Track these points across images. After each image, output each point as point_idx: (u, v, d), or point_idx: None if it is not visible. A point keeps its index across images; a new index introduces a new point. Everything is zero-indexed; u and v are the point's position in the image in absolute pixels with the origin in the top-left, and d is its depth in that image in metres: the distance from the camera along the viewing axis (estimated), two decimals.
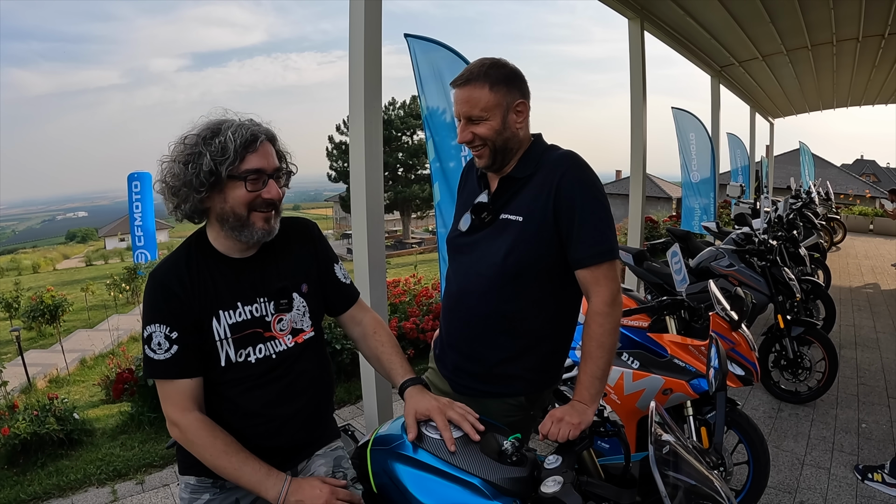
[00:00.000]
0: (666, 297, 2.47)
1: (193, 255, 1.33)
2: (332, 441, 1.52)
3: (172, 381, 1.27)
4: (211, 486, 1.39)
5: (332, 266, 1.53)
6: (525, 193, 1.52)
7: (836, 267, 8.64)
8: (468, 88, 1.49)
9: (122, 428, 3.97)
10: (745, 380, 2.33)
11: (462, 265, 1.64)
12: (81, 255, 46.19)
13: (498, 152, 1.53)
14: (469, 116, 1.50)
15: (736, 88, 10.01)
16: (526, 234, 1.49)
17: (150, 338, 1.26)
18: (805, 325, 3.73)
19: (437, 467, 1.28)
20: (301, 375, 1.40)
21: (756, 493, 2.37)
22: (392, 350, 1.53)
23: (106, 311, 16.76)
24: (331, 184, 38.92)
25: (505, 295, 1.53)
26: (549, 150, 1.58)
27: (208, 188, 1.25)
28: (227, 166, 1.23)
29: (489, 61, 1.50)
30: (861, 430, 3.46)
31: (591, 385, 1.43)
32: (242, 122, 1.29)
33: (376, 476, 1.39)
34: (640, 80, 5.72)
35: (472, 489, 1.22)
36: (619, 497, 1.13)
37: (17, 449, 3.49)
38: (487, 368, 1.60)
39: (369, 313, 1.60)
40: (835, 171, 27.09)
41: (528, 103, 1.54)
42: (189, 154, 1.23)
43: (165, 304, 1.27)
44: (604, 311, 1.44)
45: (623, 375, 2.39)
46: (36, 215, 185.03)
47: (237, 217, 1.28)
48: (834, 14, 5.88)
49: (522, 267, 1.50)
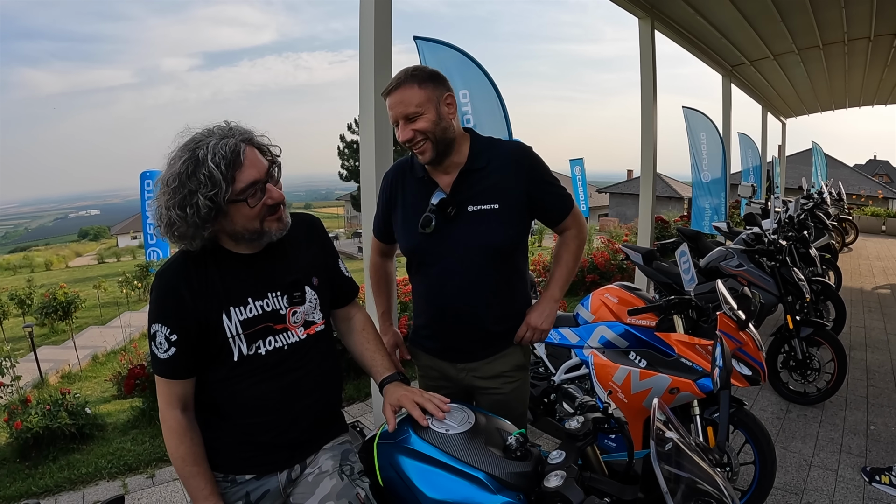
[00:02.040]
0: (673, 297, 2.46)
1: (200, 254, 1.32)
2: (340, 435, 1.54)
3: (170, 381, 1.31)
4: (222, 480, 1.40)
5: (337, 261, 1.58)
6: (488, 183, 1.70)
7: (848, 268, 8.56)
8: (399, 92, 1.61)
9: (133, 423, 4.03)
10: (752, 380, 2.32)
11: (437, 263, 1.74)
12: (94, 253, 46.68)
13: (439, 143, 1.65)
14: (406, 115, 1.61)
15: (748, 88, 9.94)
16: (506, 217, 1.69)
17: (154, 335, 1.30)
18: (814, 325, 3.71)
19: (443, 461, 1.30)
20: (312, 368, 1.43)
21: (762, 494, 2.37)
22: (376, 347, 1.61)
23: (118, 309, 16.98)
24: (342, 182, 39.08)
25: (496, 274, 1.74)
26: (494, 143, 1.78)
27: (212, 221, 1.24)
28: (223, 195, 1.21)
29: (411, 68, 1.66)
30: (870, 431, 3.44)
31: (563, 284, 1.88)
32: (216, 135, 1.24)
33: (382, 469, 1.42)
34: (651, 80, 5.71)
35: (476, 483, 1.24)
36: (622, 493, 1.14)
37: (29, 443, 3.55)
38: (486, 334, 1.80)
39: (361, 310, 1.68)
40: (847, 171, 26.78)
41: (455, 98, 1.69)
42: (181, 197, 1.20)
43: (169, 305, 1.29)
44: (576, 237, 1.87)
45: (630, 374, 2.39)
46: (48, 213, 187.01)
47: (251, 231, 1.30)
48: (845, 13, 5.84)
49: (509, 245, 1.73)
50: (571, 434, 1.21)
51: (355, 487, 1.39)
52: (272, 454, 1.41)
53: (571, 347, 2.73)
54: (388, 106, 1.64)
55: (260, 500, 1.42)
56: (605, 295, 2.73)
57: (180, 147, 1.24)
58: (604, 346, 2.59)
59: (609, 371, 2.44)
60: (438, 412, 1.42)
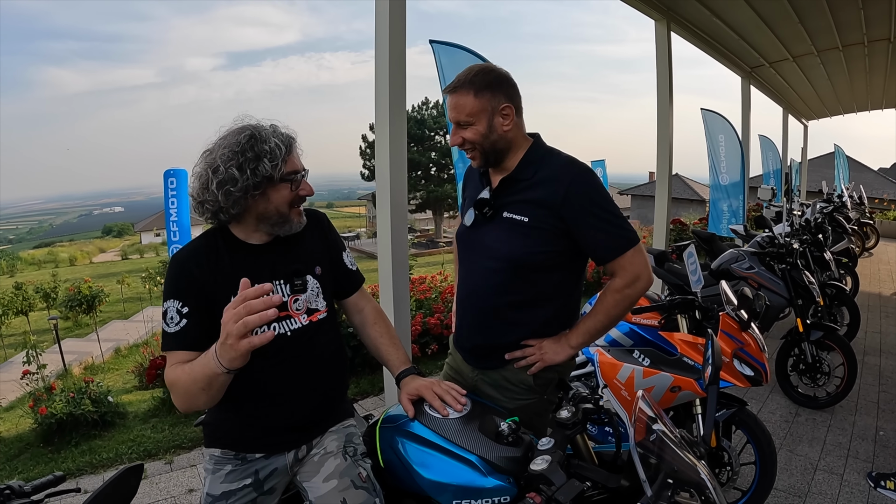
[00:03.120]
0: (677, 297, 2.50)
1: (213, 242, 1.43)
2: (346, 419, 1.62)
3: (178, 351, 1.35)
4: (233, 459, 1.49)
5: (341, 253, 1.66)
6: (527, 195, 1.62)
7: (868, 273, 8.43)
8: (456, 95, 1.60)
9: (153, 412, 4.18)
10: (753, 380, 2.34)
11: (471, 258, 1.76)
12: (117, 249, 47.64)
13: (488, 153, 1.64)
14: (458, 121, 1.62)
15: (767, 90, 9.84)
16: (533, 234, 1.60)
17: (165, 313, 1.36)
18: (825, 329, 3.70)
19: (438, 444, 1.39)
20: (315, 354, 1.49)
21: (762, 494, 2.39)
22: (390, 341, 1.68)
23: (141, 303, 17.35)
24: (364, 182, 39.45)
25: (518, 286, 1.65)
26: (549, 155, 1.67)
27: (259, 190, 1.36)
28: (279, 169, 1.37)
29: (477, 68, 1.61)
30: (878, 437, 3.42)
31: (584, 335, 1.69)
32: (275, 126, 1.42)
33: (383, 452, 1.51)
34: (667, 82, 5.71)
35: (469, 465, 1.32)
36: (606, 480, 1.20)
37: (52, 428, 3.71)
38: (501, 348, 1.73)
39: (371, 302, 1.74)
40: (871, 174, 26.18)
41: (515, 106, 1.62)
42: (244, 160, 1.33)
43: (182, 282, 1.37)
44: (619, 290, 1.63)
45: (634, 372, 2.43)
46: (73, 210, 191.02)
47: (280, 215, 1.42)
48: (864, 14, 5.78)
49: (529, 263, 1.62)
50: (561, 423, 1.27)
51: (357, 467, 1.48)
52: (279, 436, 1.49)
53: None
54: (447, 105, 1.66)
55: (268, 477, 1.50)
56: None
57: (239, 126, 1.40)
58: (609, 345, 2.63)
59: (613, 369, 2.48)
60: (457, 404, 1.50)
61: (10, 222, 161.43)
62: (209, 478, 1.50)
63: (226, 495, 1.46)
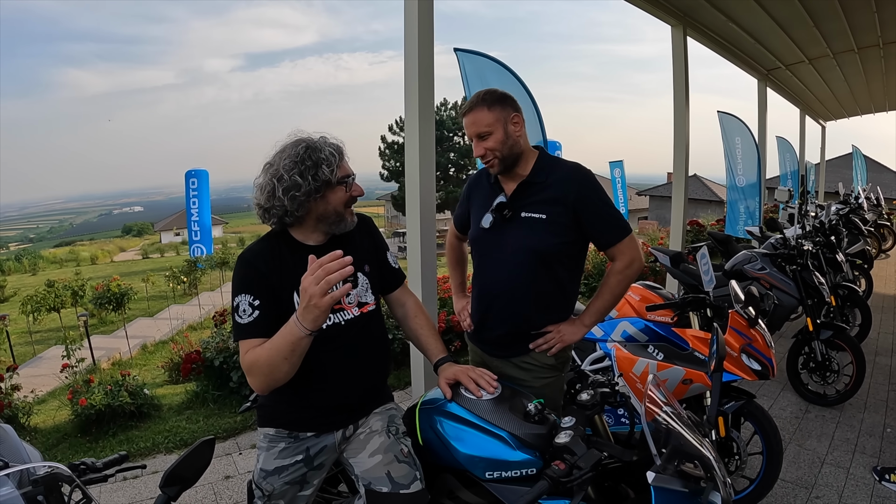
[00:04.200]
0: (689, 295, 2.66)
1: (276, 243, 1.61)
2: (387, 402, 1.80)
3: (251, 339, 1.49)
4: (287, 437, 1.66)
5: (385, 252, 1.87)
6: (543, 196, 1.89)
7: (884, 274, 8.44)
8: (472, 114, 1.89)
9: (187, 404, 4.38)
10: (761, 374, 2.48)
11: (493, 256, 1.98)
12: (137, 249, 48.43)
13: (506, 159, 1.90)
14: (478, 134, 1.88)
15: (784, 92, 9.86)
16: (550, 228, 1.87)
17: (237, 306, 1.52)
18: (834, 328, 3.81)
19: (473, 421, 1.59)
20: (365, 342, 1.67)
21: (769, 482, 2.54)
22: (429, 332, 1.87)
23: (165, 301, 17.76)
24: (382, 183, 39.54)
25: (535, 276, 1.91)
26: (557, 162, 1.99)
27: (320, 193, 1.55)
28: (335, 173, 1.56)
29: (483, 91, 1.91)
30: (886, 433, 3.51)
31: (595, 314, 2.00)
32: (324, 137, 1.61)
33: (423, 431, 1.70)
34: (683, 86, 5.82)
35: (500, 440, 1.51)
36: (622, 454, 1.37)
37: (91, 419, 3.90)
38: (524, 335, 1.97)
39: (412, 297, 1.93)
40: (891, 175, 25.77)
41: (522, 116, 1.93)
42: (304, 168, 1.52)
43: (252, 277, 1.54)
44: (622, 271, 1.94)
45: (648, 366, 2.58)
46: (93, 209, 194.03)
47: (338, 214, 1.61)
48: (878, 17, 5.84)
49: (549, 253, 1.89)
50: (581, 404, 1.45)
51: (399, 444, 1.65)
52: (330, 416, 1.67)
53: (596, 341, 2.94)
54: (465, 125, 1.93)
55: (318, 454, 1.68)
56: (629, 293, 2.93)
57: (294, 140, 1.59)
58: (625, 340, 2.79)
59: (630, 363, 2.65)
60: (489, 387, 1.69)
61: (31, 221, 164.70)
62: (263, 454, 1.66)
63: (278, 470, 1.63)
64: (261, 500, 1.64)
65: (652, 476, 1.21)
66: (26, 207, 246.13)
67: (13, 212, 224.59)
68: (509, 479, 1.50)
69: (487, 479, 1.53)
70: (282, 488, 1.64)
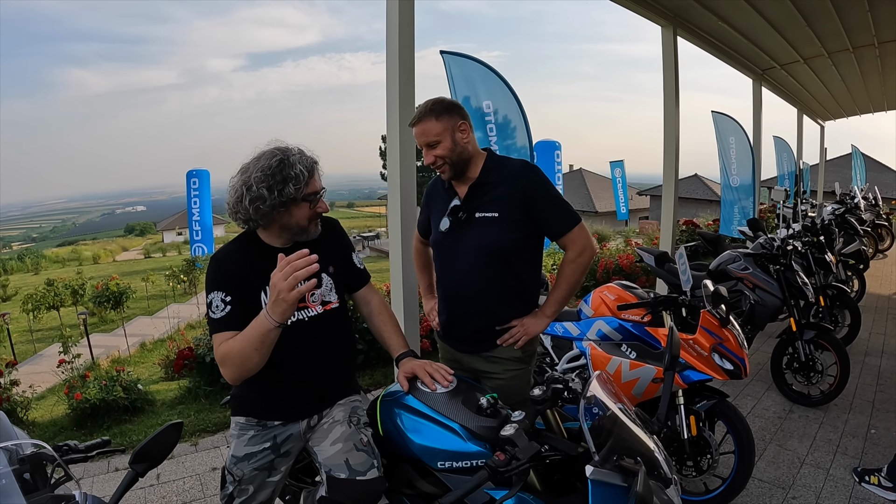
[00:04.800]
0: (661, 295, 2.69)
1: (247, 245, 1.72)
2: (353, 395, 1.90)
3: (224, 332, 1.60)
4: (256, 425, 1.77)
5: (350, 254, 1.94)
6: (494, 195, 1.97)
7: (880, 274, 8.42)
8: (421, 124, 1.96)
9: (180, 399, 4.47)
10: (732, 374, 2.50)
11: (454, 257, 2.05)
12: (140, 248, 48.59)
13: (456, 165, 1.99)
14: (428, 143, 1.96)
15: (780, 91, 9.85)
16: (504, 225, 1.95)
17: (211, 303, 1.62)
18: (818, 328, 3.81)
19: (427, 413, 1.67)
20: (328, 338, 1.76)
21: (741, 481, 2.55)
22: (392, 329, 1.96)
23: (165, 301, 17.85)
24: (384, 182, 39.75)
25: (495, 272, 1.98)
26: (504, 161, 2.07)
27: (285, 207, 1.64)
28: (301, 190, 1.63)
29: (431, 100, 1.98)
30: (870, 435, 3.50)
31: (554, 305, 2.07)
32: (300, 152, 1.67)
33: (383, 423, 1.79)
34: (673, 87, 5.84)
35: (452, 432, 1.59)
36: (567, 447, 1.40)
37: (86, 412, 4.02)
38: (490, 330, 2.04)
39: (377, 296, 2.01)
40: (893, 175, 25.63)
41: (469, 123, 2.01)
42: (273, 182, 1.60)
43: (222, 276, 1.63)
44: (574, 260, 2.02)
45: (621, 364, 2.61)
46: (96, 209, 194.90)
47: (300, 227, 1.70)
48: (871, 17, 5.83)
49: (505, 249, 1.96)
50: (533, 399, 1.48)
51: (360, 434, 1.75)
52: (296, 406, 1.77)
53: (573, 340, 2.96)
54: (415, 135, 2.00)
55: (285, 442, 1.78)
56: (604, 292, 2.96)
57: (271, 149, 1.66)
58: (600, 339, 2.81)
59: (603, 361, 2.67)
60: (444, 381, 1.77)
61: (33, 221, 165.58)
62: (234, 441, 1.78)
63: (248, 456, 1.74)
64: (232, 484, 1.75)
65: (590, 470, 1.25)
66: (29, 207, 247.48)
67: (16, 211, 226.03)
68: (460, 469, 1.57)
69: (440, 469, 1.61)
70: (251, 474, 1.74)
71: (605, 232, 21.19)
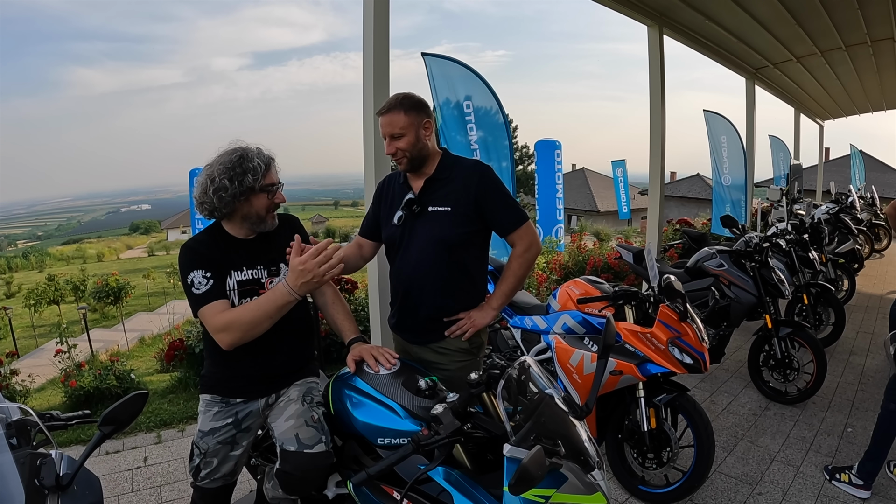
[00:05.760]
0: (621, 289, 2.73)
1: (214, 235, 1.88)
2: (310, 377, 2.05)
3: (213, 303, 1.74)
4: (220, 402, 1.93)
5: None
6: (447, 190, 2.06)
7: (874, 274, 8.40)
8: (389, 115, 2.02)
9: (171, 389, 4.58)
10: (692, 368, 2.51)
11: (404, 250, 2.12)
12: (144, 246, 48.88)
13: (414, 159, 2.06)
14: (392, 135, 2.03)
15: (775, 90, 9.82)
16: (455, 219, 2.03)
17: (191, 282, 1.75)
18: (794, 326, 3.81)
19: (370, 393, 1.78)
20: (286, 324, 1.85)
21: (700, 475, 2.56)
22: (344, 317, 2.10)
23: (165, 297, 18.00)
24: None
25: (443, 265, 2.06)
26: (459, 160, 2.16)
27: (245, 196, 1.80)
28: (259, 181, 1.80)
29: (402, 94, 2.05)
30: (846, 433, 3.48)
31: (501, 297, 2.15)
32: (259, 149, 1.86)
33: (334, 402, 1.93)
34: (659, 87, 5.85)
35: (391, 411, 1.70)
36: (492, 427, 1.48)
37: (81, 399, 4.17)
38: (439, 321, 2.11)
39: (331, 288, 2.13)
40: (894, 175, 25.46)
41: (433, 122, 2.09)
42: (234, 173, 1.77)
43: (196, 257, 1.79)
44: (521, 255, 2.11)
45: (583, 357, 2.64)
46: (101, 207, 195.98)
47: (259, 217, 1.86)
48: (862, 14, 5.81)
49: (454, 242, 2.04)
50: (469, 383, 1.55)
51: (311, 411, 1.90)
52: (256, 385, 1.94)
53: (540, 333, 2.99)
54: (380, 124, 2.06)
55: (245, 418, 1.94)
56: (570, 287, 2.99)
57: (232, 147, 1.84)
58: (565, 332, 2.84)
59: (567, 354, 2.71)
60: (387, 363, 1.89)
61: (39, 219, 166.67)
62: (201, 417, 1.94)
63: (212, 431, 1.90)
64: (198, 457, 1.91)
65: (507, 448, 1.31)
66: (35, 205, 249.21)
67: (21, 209, 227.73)
68: (398, 445, 1.65)
69: (380, 446, 1.71)
70: (215, 447, 1.90)
71: (607, 231, 21.12)
